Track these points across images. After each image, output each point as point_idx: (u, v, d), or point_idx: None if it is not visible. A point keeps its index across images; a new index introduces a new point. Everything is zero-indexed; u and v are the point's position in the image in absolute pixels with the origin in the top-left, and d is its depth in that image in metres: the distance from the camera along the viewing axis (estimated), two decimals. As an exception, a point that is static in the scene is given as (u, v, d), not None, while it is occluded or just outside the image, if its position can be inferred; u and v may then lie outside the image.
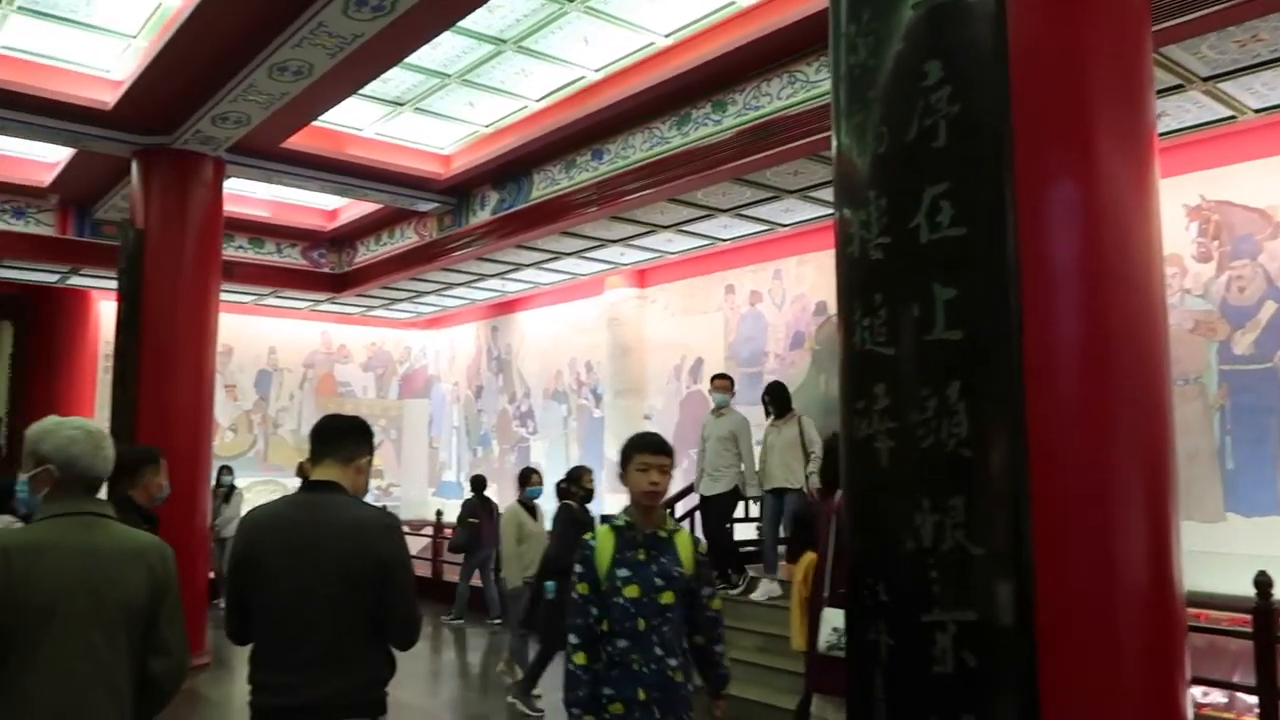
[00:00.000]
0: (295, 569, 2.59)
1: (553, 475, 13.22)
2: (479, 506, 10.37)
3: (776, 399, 7.46)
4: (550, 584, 6.35)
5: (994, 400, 1.88)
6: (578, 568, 3.00)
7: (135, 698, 2.26)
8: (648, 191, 7.89)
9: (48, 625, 2.10)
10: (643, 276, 11.75)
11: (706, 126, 7.15)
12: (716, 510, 7.48)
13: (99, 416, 12.03)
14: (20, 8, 6.35)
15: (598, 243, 10.02)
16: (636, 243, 9.98)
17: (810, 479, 7.21)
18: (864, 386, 2.05)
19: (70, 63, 7.19)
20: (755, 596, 7.25)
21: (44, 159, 9.44)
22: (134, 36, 6.76)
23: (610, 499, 11.15)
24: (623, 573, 2.93)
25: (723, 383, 7.75)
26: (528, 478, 7.48)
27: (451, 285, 12.51)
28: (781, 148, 6.78)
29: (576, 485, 6.84)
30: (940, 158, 1.93)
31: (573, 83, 7.65)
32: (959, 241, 1.90)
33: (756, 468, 7.47)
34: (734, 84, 6.88)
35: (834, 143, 2.23)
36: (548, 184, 8.76)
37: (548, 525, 7.43)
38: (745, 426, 7.54)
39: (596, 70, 7.41)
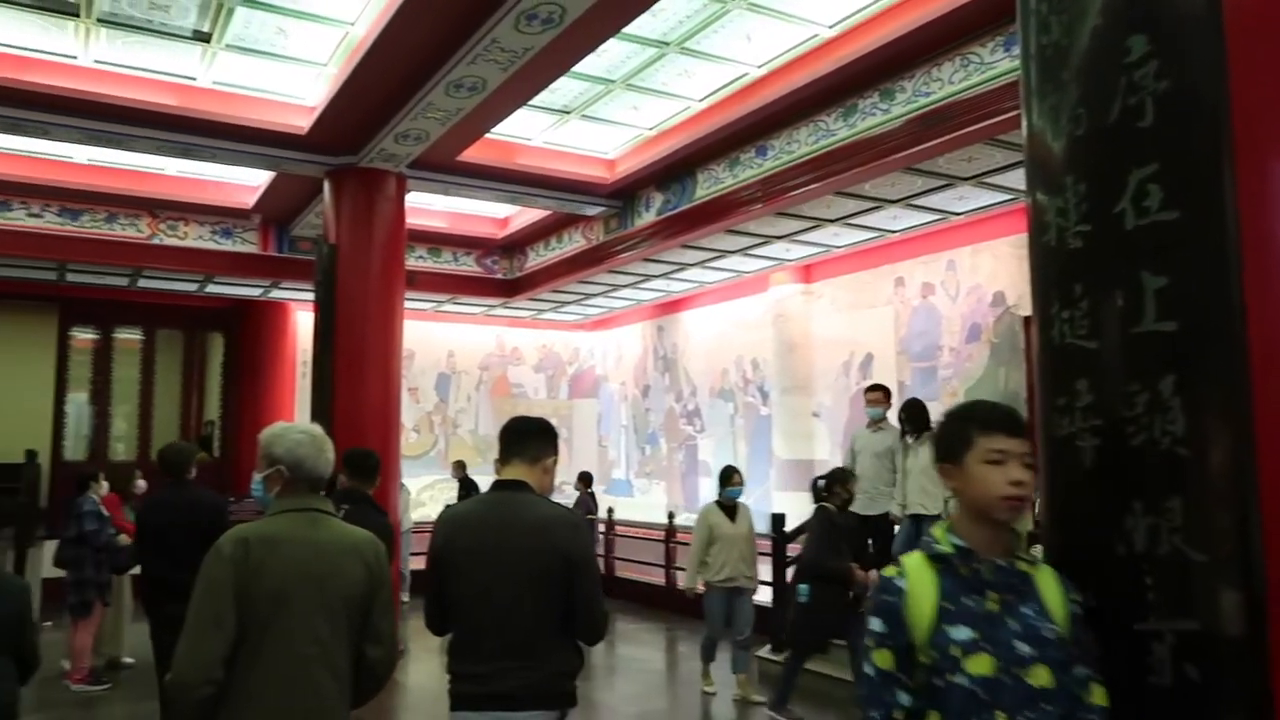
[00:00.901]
0: (486, 565, 2.71)
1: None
2: (590, 502, 10.57)
3: (913, 417, 6.92)
4: (804, 587, 6.07)
5: (1214, 394, 1.75)
6: (875, 624, 1.85)
7: (353, 681, 2.44)
8: (814, 185, 7.78)
9: (279, 609, 2.31)
10: (808, 272, 11.59)
11: (874, 116, 6.98)
12: (879, 534, 6.92)
13: (299, 419, 12.93)
14: (228, 45, 6.92)
15: (763, 239, 9.96)
16: (802, 238, 9.86)
17: (950, 504, 6.68)
18: (1064, 383, 1.95)
19: (269, 92, 7.78)
20: None
21: (247, 183, 10.27)
22: (324, 65, 7.24)
23: (779, 498, 11.06)
24: (961, 633, 1.77)
25: (876, 395, 7.24)
26: (729, 477, 6.90)
27: (618, 287, 12.74)
28: (955, 134, 6.54)
29: (841, 487, 6.35)
30: (1147, 138, 1.81)
31: (735, 80, 7.64)
32: (1170, 226, 1.77)
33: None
34: (903, 71, 6.68)
35: (1024, 126, 2.13)
36: (712, 183, 8.78)
37: (759, 526, 7.23)
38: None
39: (759, 66, 7.37)
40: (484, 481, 9.70)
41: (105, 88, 7.29)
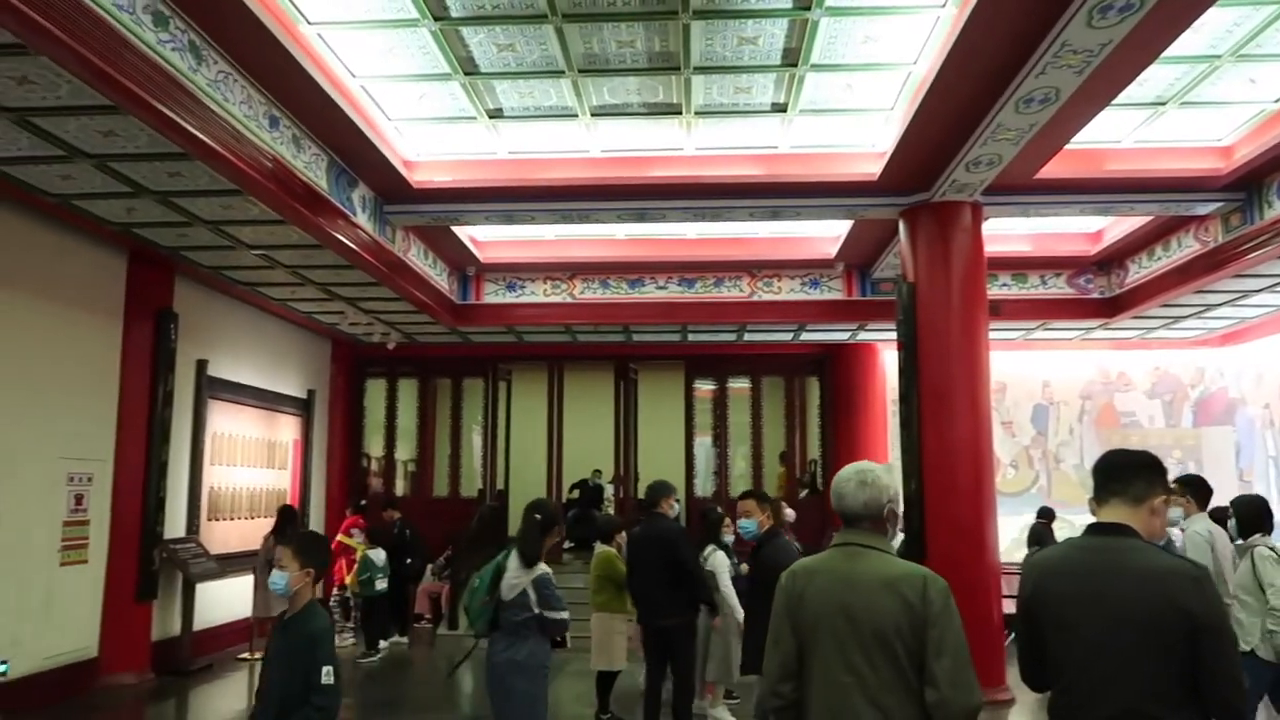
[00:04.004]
0: (1085, 619, 2.44)
1: None
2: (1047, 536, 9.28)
3: (1241, 518, 5.25)
4: None
5: None
6: None
7: None
8: None
9: (816, 636, 2.47)
10: None
11: None
12: None
13: (890, 457, 13.22)
14: (802, 110, 7.45)
15: None
16: None
17: (1273, 638, 4.72)
18: None
19: (841, 146, 8.17)
20: None
21: (828, 234, 10.89)
22: (890, 109, 7.40)
23: None
24: None
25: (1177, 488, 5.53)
26: None
27: (1248, 293, 10.82)
28: None
29: None
30: None
31: (1397, 18, 6.05)
32: None
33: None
34: None
35: None
36: (1372, 151, 7.04)
37: None
38: (1229, 554, 5.27)
39: None
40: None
41: (705, 170, 8.34)
